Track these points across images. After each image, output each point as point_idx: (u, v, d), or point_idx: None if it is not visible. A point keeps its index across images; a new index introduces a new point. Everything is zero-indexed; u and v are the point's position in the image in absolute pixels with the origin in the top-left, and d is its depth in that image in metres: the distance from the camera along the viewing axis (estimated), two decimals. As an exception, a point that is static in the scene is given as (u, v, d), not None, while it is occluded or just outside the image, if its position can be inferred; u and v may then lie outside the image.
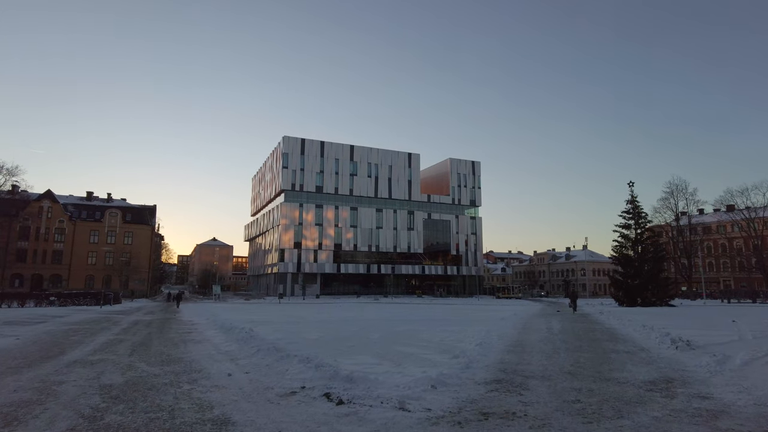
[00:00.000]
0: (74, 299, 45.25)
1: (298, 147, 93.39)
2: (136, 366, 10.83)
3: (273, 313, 34.36)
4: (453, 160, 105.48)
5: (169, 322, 26.01)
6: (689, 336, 14.73)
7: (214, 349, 13.96)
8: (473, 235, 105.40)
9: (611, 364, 10.76)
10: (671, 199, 73.48)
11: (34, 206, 77.19)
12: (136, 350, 13.69)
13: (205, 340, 16.29)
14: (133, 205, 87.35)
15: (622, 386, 8.41)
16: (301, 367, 9.66)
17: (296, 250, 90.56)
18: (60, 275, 77.76)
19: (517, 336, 17.04)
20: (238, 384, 8.74)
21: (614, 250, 48.92)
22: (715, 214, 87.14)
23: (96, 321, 25.83)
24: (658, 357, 11.82)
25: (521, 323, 23.29)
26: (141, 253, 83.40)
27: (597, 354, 12.54)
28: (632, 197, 49.24)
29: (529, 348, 13.78)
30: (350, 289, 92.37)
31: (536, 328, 20.42)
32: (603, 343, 14.90)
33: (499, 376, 9.36)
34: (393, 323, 23.41)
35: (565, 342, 15.26)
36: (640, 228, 48.38)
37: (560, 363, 10.96)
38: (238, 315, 31.29)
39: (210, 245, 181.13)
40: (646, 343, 14.78)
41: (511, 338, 16.28)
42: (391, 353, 12.37)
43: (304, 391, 7.98)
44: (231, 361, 11.60)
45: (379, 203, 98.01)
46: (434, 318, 28.07)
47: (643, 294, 45.43)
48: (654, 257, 47.32)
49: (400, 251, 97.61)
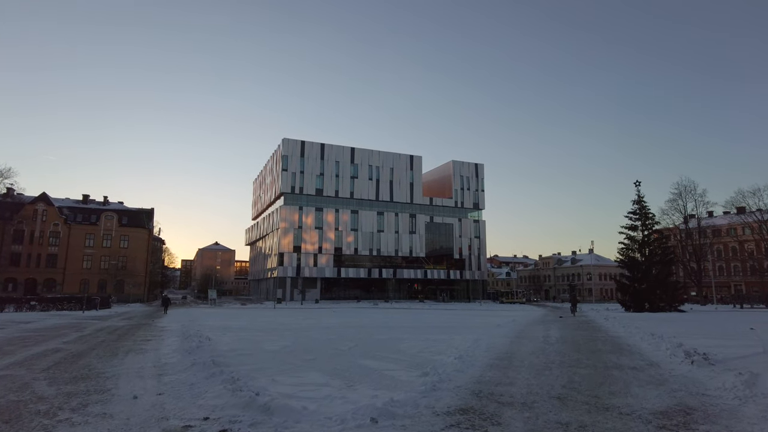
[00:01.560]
0: (57, 304, 43.59)
1: (298, 149, 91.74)
2: (33, 385, 8.92)
3: (258, 319, 32.45)
4: (456, 163, 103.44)
5: (139, 328, 24.15)
6: (705, 347, 12.66)
7: (152, 361, 12.05)
8: (476, 239, 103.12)
9: (612, 385, 8.70)
10: (679, 201, 70.71)
11: (29, 209, 75.92)
12: (61, 363, 11.81)
13: (152, 350, 14.38)
14: (130, 209, 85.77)
15: (625, 420, 6.38)
16: (221, 390, 7.74)
17: (295, 254, 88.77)
18: (54, 279, 76.29)
19: (507, 346, 14.99)
20: (130, 412, 6.82)
21: (620, 252, 46.58)
22: (725, 216, 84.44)
23: (59, 327, 24.01)
24: (670, 375, 9.72)
25: (517, 331, 21.23)
26: (137, 257, 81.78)
27: (596, 370, 10.47)
28: (639, 197, 46.96)
29: (517, 361, 11.76)
30: (351, 294, 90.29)
31: (532, 337, 18.37)
32: (605, 356, 12.82)
33: (469, 402, 7.35)
34: (377, 330, 21.44)
35: (561, 354, 13.18)
36: (647, 229, 46.05)
37: (550, 383, 8.94)
38: (217, 321, 29.47)
39: (212, 249, 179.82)
40: (655, 355, 12.66)
41: (500, 349, 14.24)
42: (350, 369, 10.40)
43: (201, 425, 6.05)
44: (156, 377, 9.69)
45: (380, 206, 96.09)
46: (425, 324, 26.03)
47: (651, 299, 43.10)
48: (662, 260, 44.99)
49: (401, 255, 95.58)
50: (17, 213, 74.69)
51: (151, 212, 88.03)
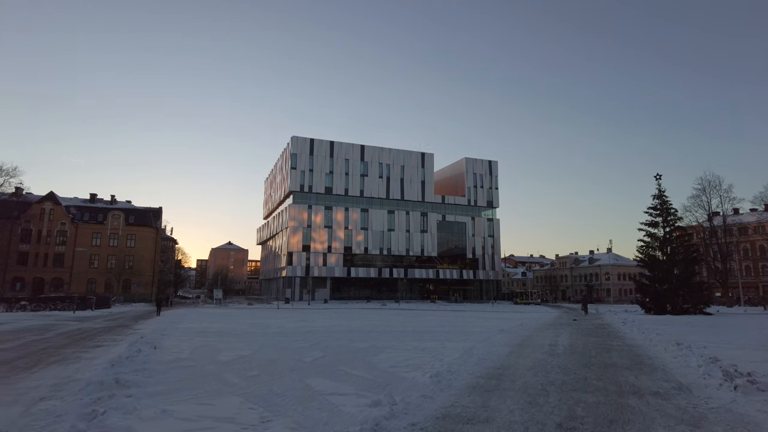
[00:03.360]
0: (51, 304, 42.21)
1: (307, 147, 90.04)
2: None
3: (247, 321, 30.45)
4: (468, 160, 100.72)
5: (110, 332, 22.22)
6: (747, 363, 10.16)
7: (64, 377, 9.94)
8: (490, 238, 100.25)
9: (628, 425, 6.29)
10: (703, 197, 66.99)
11: (36, 208, 75.45)
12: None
13: (86, 359, 12.32)
14: (137, 207, 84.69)
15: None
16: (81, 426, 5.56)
17: (304, 253, 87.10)
18: (62, 279, 75.53)
19: (503, 358, 12.56)
20: None
21: (639, 250, 43.43)
22: (752, 213, 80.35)
23: (27, 330, 22.20)
24: (707, 407, 7.18)
25: (521, 337, 18.74)
26: (144, 256, 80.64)
27: (607, 396, 8.01)
28: (659, 191, 43.75)
29: (508, 381, 9.37)
30: (362, 294, 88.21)
31: (537, 345, 15.91)
32: (620, 374, 10.31)
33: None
34: (362, 336, 19.16)
35: (565, 371, 10.71)
36: (669, 226, 42.88)
37: (541, 418, 6.56)
38: (202, 323, 27.57)
39: (225, 249, 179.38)
40: (683, 374, 10.10)
41: (493, 362, 11.84)
42: (288, 394, 8.12)
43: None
44: (35, 402, 7.54)
45: (390, 204, 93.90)
46: (420, 329, 23.55)
47: (673, 300, 39.96)
48: (685, 258, 41.83)
49: (413, 254, 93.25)
50: (25, 212, 74.27)
51: (158, 211, 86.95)
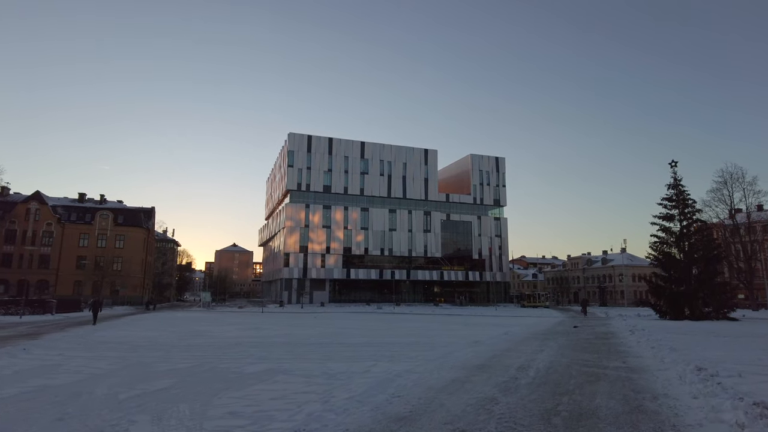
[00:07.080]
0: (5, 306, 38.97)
1: (305, 144, 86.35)
2: None
3: (194, 327, 26.71)
4: (474, 156, 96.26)
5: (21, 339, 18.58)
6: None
7: None
8: (498, 238, 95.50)
9: None
10: (724, 191, 61.33)
11: (21, 208, 72.67)
12: None
13: None
14: (127, 207, 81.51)
15: None
16: None
17: (302, 254, 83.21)
18: (47, 281, 72.60)
19: (433, 394, 8.34)
20: None
21: (653, 247, 38.55)
22: (777, 210, 74.82)
23: None
24: None
25: (492, 353, 14.59)
26: (133, 257, 77.38)
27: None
28: (675, 180, 38.88)
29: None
30: (363, 297, 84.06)
31: (501, 368, 11.68)
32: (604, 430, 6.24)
33: None
34: (284, 351, 15.32)
35: (513, 424, 6.63)
36: (686, 219, 38.04)
37: None
38: (135, 330, 23.86)
39: (229, 251, 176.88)
40: None
41: (406, 403, 7.66)
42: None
43: None
44: None
45: (392, 203, 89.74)
46: (378, 341, 19.16)
47: (693, 303, 35.24)
48: (705, 256, 36.84)
49: (416, 255, 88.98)
50: (9, 212, 71.60)
51: (150, 211, 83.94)
